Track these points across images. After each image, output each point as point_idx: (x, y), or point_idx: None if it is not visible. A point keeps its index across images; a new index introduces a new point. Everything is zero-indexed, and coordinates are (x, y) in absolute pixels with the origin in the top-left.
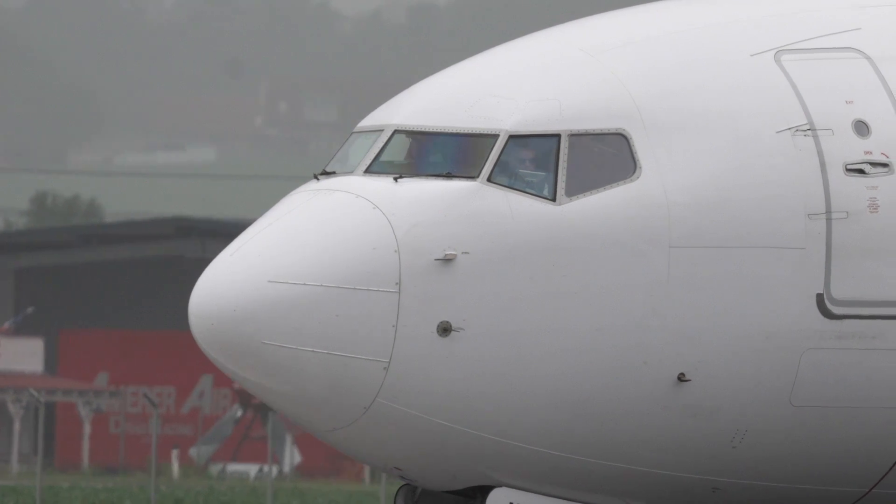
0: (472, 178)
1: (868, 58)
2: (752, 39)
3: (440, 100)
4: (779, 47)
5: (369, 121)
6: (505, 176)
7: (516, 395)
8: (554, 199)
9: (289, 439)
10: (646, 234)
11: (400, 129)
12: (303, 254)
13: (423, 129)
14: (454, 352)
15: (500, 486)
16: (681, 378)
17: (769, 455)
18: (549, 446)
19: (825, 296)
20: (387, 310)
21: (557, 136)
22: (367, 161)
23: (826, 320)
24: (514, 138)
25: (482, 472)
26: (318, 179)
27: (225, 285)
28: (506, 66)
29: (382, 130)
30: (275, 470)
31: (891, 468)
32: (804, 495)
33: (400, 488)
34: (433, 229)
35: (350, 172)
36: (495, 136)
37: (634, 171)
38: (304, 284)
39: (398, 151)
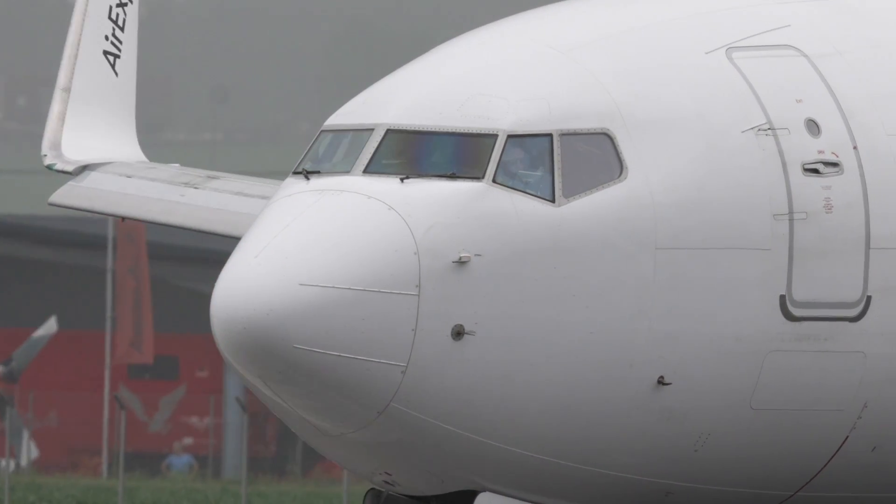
0: (478, 178)
1: (805, 55)
2: (702, 36)
3: (429, 97)
4: (727, 45)
5: (349, 119)
6: (507, 176)
7: (518, 400)
8: (553, 200)
9: (26, 434)
10: (635, 235)
11: (393, 128)
12: (330, 256)
13: (418, 129)
14: (465, 356)
15: (484, 490)
16: (660, 381)
17: (724, 459)
18: (540, 451)
19: (787, 297)
20: (407, 313)
21: (549, 135)
22: (364, 161)
23: (787, 322)
24: (512, 138)
25: (471, 478)
26: (307, 178)
27: (256, 288)
28: (482, 64)
29: (373, 129)
30: (12, 464)
31: (818, 472)
32: (735, 498)
33: (368, 492)
34: (448, 231)
35: (346, 172)
36: (494, 136)
37: (622, 172)
38: (334, 287)
39: (393, 151)
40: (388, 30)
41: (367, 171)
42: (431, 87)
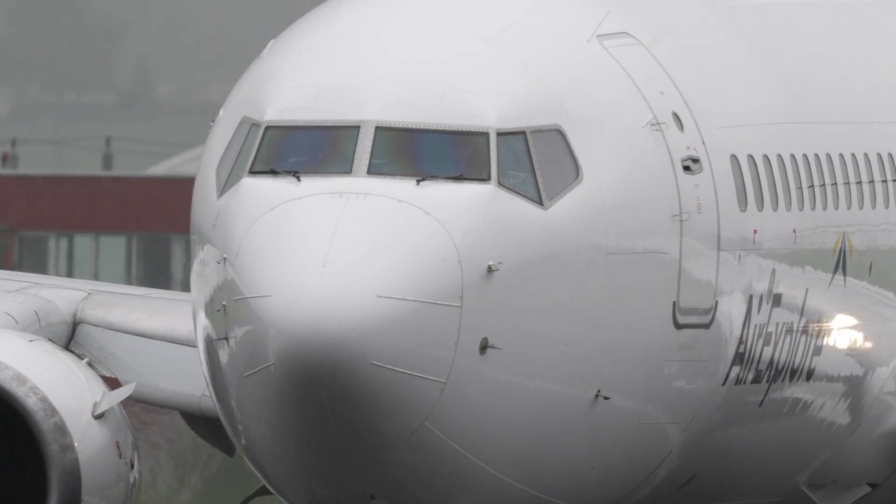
0: (485, 180)
1: (641, 43)
2: (574, 24)
3: (409, 92)
4: (593, 33)
5: (307, 114)
6: (505, 177)
7: (511, 419)
8: (541, 203)
9: None
10: (596, 240)
11: (382, 125)
12: (399, 267)
13: (408, 126)
14: (487, 371)
15: None
16: (597, 395)
17: (604, 476)
18: (508, 475)
19: (676, 304)
20: (452, 325)
21: (523, 133)
22: (364, 161)
23: (675, 330)
24: (500, 136)
25: (443, 500)
26: (298, 179)
27: (334, 300)
28: (433, 56)
29: (359, 127)
30: None
31: (637, 485)
32: None
33: None
34: (478, 238)
35: (347, 172)
36: (486, 134)
37: (578, 173)
38: (405, 299)
39: (388, 149)
40: None
41: (371, 171)
42: (407, 81)
